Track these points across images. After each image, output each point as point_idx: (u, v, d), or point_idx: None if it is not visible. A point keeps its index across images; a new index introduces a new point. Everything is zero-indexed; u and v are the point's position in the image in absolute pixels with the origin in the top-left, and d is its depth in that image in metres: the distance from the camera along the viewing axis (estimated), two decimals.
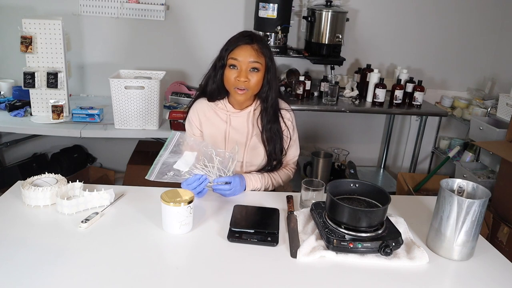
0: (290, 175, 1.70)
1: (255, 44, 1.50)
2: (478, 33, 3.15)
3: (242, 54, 1.48)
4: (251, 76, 1.50)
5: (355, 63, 3.14)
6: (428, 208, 1.47)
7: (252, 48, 1.49)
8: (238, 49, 1.49)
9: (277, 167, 1.66)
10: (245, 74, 1.49)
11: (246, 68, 1.49)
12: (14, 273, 1.00)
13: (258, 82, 1.52)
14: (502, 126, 2.56)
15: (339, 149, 3.06)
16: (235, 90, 1.51)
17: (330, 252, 1.14)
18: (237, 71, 1.49)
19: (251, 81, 1.50)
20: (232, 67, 1.50)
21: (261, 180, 1.57)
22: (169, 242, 1.19)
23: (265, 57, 1.51)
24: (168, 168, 1.34)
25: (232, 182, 1.42)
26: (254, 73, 1.50)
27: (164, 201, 1.18)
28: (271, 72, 1.54)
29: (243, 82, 1.49)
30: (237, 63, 1.49)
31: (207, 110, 1.62)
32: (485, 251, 1.23)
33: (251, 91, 1.53)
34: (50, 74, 2.31)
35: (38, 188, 1.30)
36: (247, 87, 1.50)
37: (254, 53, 1.49)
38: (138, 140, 3.02)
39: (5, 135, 2.87)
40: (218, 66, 1.54)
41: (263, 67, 1.52)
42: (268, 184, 1.60)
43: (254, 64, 1.49)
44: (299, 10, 2.94)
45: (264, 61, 1.52)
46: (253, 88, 1.52)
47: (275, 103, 1.59)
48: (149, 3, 2.79)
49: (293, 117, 1.68)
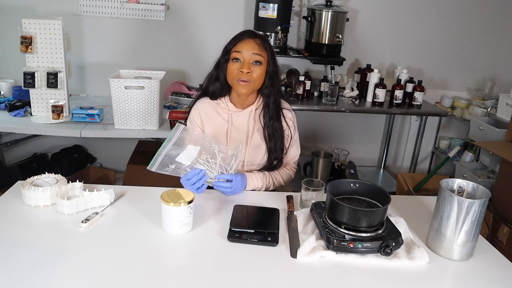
0: (291, 174, 1.70)
1: (258, 39, 1.54)
2: (478, 33, 3.15)
3: (245, 47, 1.52)
4: (253, 68, 1.52)
5: (355, 63, 3.14)
6: (428, 208, 1.47)
7: (255, 42, 1.53)
8: (241, 43, 1.53)
9: (278, 166, 1.66)
10: (248, 66, 1.51)
11: (249, 60, 1.52)
12: (14, 273, 1.00)
13: (260, 75, 1.54)
14: (502, 126, 2.56)
15: (339, 149, 3.06)
16: (237, 82, 1.53)
17: (330, 252, 1.14)
18: (240, 64, 1.52)
19: (253, 73, 1.52)
20: (236, 60, 1.52)
21: (263, 179, 1.57)
22: (169, 242, 1.19)
23: (267, 51, 1.55)
24: (170, 161, 1.34)
25: (233, 181, 1.42)
26: (257, 66, 1.53)
27: (164, 201, 1.18)
28: (272, 68, 1.57)
29: (246, 73, 1.51)
30: (240, 55, 1.52)
31: (209, 109, 1.63)
32: (485, 251, 1.23)
33: (253, 84, 1.54)
34: (50, 74, 2.31)
35: (38, 188, 1.30)
36: (249, 79, 1.52)
37: (256, 46, 1.52)
38: (138, 140, 3.02)
39: (5, 135, 2.87)
40: (221, 62, 1.57)
41: (265, 61, 1.55)
42: (270, 183, 1.60)
43: (257, 57, 1.52)
44: (299, 10, 2.94)
45: (267, 55, 1.55)
46: (256, 80, 1.54)
47: (277, 100, 1.61)
48: (149, 3, 2.79)
49: (294, 116, 1.69)
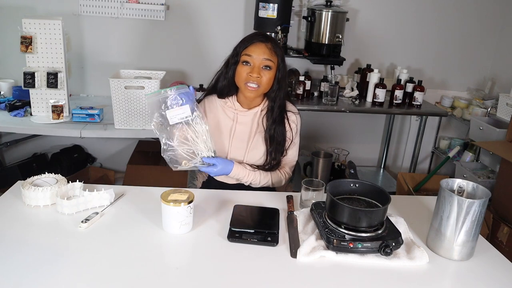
0: (282, 179, 1.67)
1: (269, 43, 1.53)
2: (478, 33, 3.15)
3: (256, 51, 1.51)
4: (263, 73, 1.52)
5: (355, 63, 3.14)
6: (428, 208, 1.47)
7: (266, 47, 1.52)
8: (252, 46, 1.52)
9: (274, 168, 1.65)
10: (257, 71, 1.51)
11: (259, 65, 1.51)
12: (14, 273, 1.00)
13: (269, 80, 1.54)
14: (502, 126, 2.56)
15: (339, 149, 3.06)
16: (245, 86, 1.53)
17: (330, 252, 1.14)
18: (250, 68, 1.52)
19: (263, 78, 1.52)
20: (245, 64, 1.52)
21: (249, 174, 1.57)
22: (169, 242, 1.19)
23: (277, 57, 1.54)
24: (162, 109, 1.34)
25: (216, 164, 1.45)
26: (267, 71, 1.53)
27: (164, 201, 1.18)
28: (282, 73, 1.56)
29: (255, 78, 1.51)
30: (251, 59, 1.51)
31: (215, 107, 1.65)
32: (485, 251, 1.23)
33: (262, 88, 1.54)
34: (50, 74, 2.31)
35: (38, 188, 1.30)
36: (258, 83, 1.52)
37: (267, 51, 1.52)
38: (138, 140, 3.02)
39: (5, 135, 2.87)
40: (231, 63, 1.57)
41: (275, 66, 1.54)
42: (257, 180, 1.59)
43: (267, 62, 1.51)
44: (299, 10, 2.94)
45: (277, 60, 1.54)
46: (264, 85, 1.54)
47: (282, 104, 1.61)
48: (149, 3, 2.79)
49: (298, 120, 1.68)
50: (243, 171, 1.57)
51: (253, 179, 1.59)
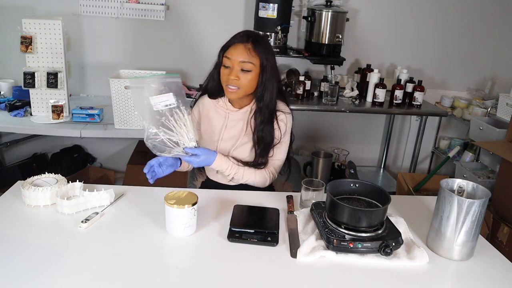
0: (267, 179, 1.62)
1: (250, 44, 1.48)
2: (478, 33, 3.15)
3: (234, 53, 1.48)
4: (241, 75, 1.49)
5: (355, 63, 3.14)
6: (428, 208, 1.47)
7: (244, 48, 1.48)
8: (231, 48, 1.50)
9: (260, 166, 1.62)
10: (235, 73, 1.49)
11: (238, 68, 1.49)
12: (14, 273, 1.00)
13: (249, 81, 1.51)
14: (502, 126, 2.56)
15: (339, 149, 3.06)
16: (226, 88, 1.52)
17: (330, 252, 1.14)
18: (229, 70, 1.50)
19: (241, 80, 1.49)
20: (226, 67, 1.51)
21: (233, 166, 1.55)
22: (169, 242, 1.19)
23: (259, 57, 1.49)
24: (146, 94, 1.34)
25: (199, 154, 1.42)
26: (245, 73, 1.49)
27: (168, 203, 1.17)
28: (266, 72, 1.51)
29: (233, 80, 1.49)
30: (229, 62, 1.49)
31: (208, 106, 1.65)
32: (485, 251, 1.23)
33: (242, 90, 1.52)
34: (50, 74, 2.31)
35: (38, 188, 1.30)
36: (237, 85, 1.50)
37: (245, 53, 1.47)
38: (138, 140, 3.02)
39: (5, 135, 2.87)
40: (216, 65, 1.56)
41: (257, 67, 1.50)
42: (240, 174, 1.57)
43: (245, 64, 1.48)
44: (299, 10, 2.94)
45: (259, 61, 1.50)
46: (244, 87, 1.51)
47: (271, 104, 1.56)
48: (149, 3, 2.79)
49: (288, 119, 1.62)
50: (226, 163, 1.54)
51: (235, 173, 1.56)
